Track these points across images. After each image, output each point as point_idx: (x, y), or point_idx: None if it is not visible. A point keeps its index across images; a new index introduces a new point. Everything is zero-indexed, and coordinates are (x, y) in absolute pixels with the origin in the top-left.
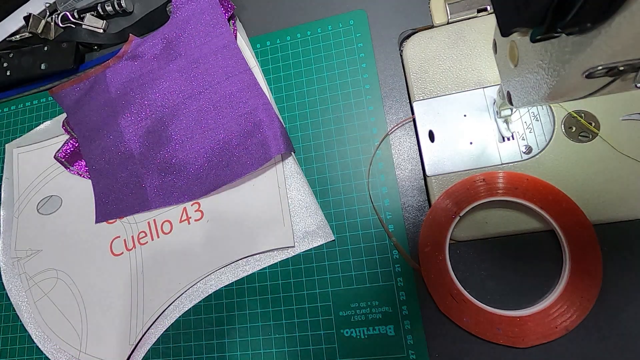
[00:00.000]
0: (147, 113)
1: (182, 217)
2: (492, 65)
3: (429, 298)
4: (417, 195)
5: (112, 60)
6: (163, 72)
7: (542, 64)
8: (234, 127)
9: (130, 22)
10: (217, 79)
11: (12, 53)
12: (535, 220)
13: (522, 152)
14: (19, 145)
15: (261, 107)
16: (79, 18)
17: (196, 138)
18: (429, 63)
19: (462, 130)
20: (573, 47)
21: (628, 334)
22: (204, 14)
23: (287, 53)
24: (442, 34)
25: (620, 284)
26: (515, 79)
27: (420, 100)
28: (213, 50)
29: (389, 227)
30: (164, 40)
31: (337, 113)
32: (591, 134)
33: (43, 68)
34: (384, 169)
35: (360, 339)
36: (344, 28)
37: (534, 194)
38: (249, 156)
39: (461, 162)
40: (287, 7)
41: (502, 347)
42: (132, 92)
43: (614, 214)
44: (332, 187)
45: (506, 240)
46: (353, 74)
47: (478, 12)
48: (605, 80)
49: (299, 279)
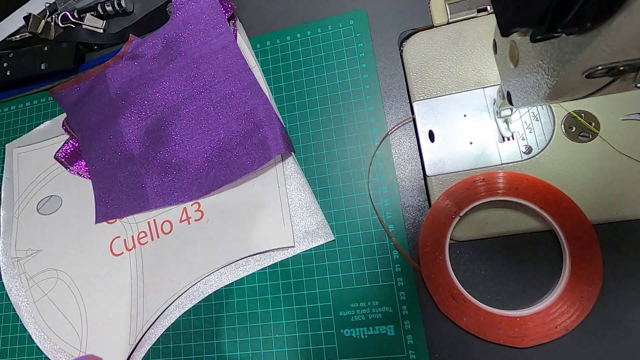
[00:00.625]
0: (147, 113)
1: (182, 217)
2: (492, 65)
3: (429, 298)
4: (417, 195)
5: (112, 60)
6: (163, 72)
7: (542, 64)
8: (234, 127)
9: (130, 22)
10: (217, 79)
11: (12, 53)
12: (535, 220)
13: (522, 152)
14: (19, 145)
15: (261, 107)
16: (79, 18)
17: (196, 138)
18: (429, 63)
19: (462, 130)
20: (573, 47)
21: (628, 333)
22: (204, 14)
23: (287, 53)
24: (442, 34)
25: (620, 284)
26: (515, 79)
27: (420, 100)
28: (213, 50)
29: (389, 227)
30: (164, 40)
31: (337, 113)
32: (591, 134)
33: (43, 68)
34: (384, 169)
35: (360, 339)
36: (344, 28)
37: (534, 194)
38: (248, 156)
39: (461, 162)
40: (287, 7)
41: (502, 347)
42: (132, 92)
43: (614, 214)
44: (332, 187)
45: (506, 240)
46: (353, 74)
47: (478, 12)
48: (605, 80)
49: (299, 279)
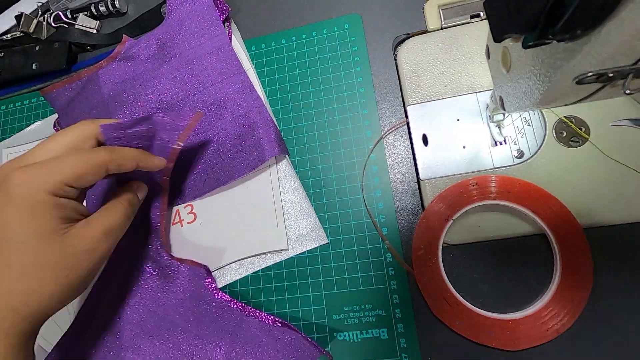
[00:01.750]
0: (141, 114)
1: (174, 220)
2: (485, 70)
3: (422, 301)
4: (411, 198)
5: (105, 61)
6: (157, 73)
7: (534, 70)
8: (228, 129)
9: (124, 22)
10: (211, 81)
11: (3, 52)
12: (527, 224)
13: (514, 157)
14: (10, 145)
15: (255, 109)
16: (72, 18)
17: (190, 140)
18: (423, 67)
19: (455, 135)
20: (564, 53)
21: (618, 336)
22: (199, 15)
23: (282, 56)
24: (435, 39)
25: (610, 288)
26: (508, 85)
27: (414, 104)
28: (208, 52)
29: (383, 230)
30: (158, 41)
31: (332, 116)
32: (581, 139)
33: (34, 68)
34: (377, 172)
35: (354, 342)
36: (339, 32)
37: (525, 197)
38: (242, 158)
39: (454, 166)
40: (282, 9)
41: (494, 350)
42: (126, 93)
43: (604, 218)
44: (326, 189)
45: (499, 244)
46: (348, 78)
47: (471, 18)
48: (595, 86)
49: (292, 282)
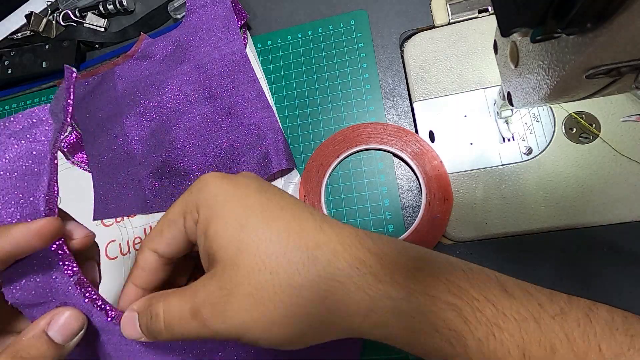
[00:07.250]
0: (152, 115)
1: None
2: (493, 65)
3: None
4: (417, 195)
5: (122, 59)
6: (171, 75)
7: (543, 65)
8: (238, 137)
9: (132, 21)
10: (224, 87)
11: (14, 51)
12: (535, 222)
13: (523, 153)
14: None
15: (266, 119)
16: (80, 16)
17: (199, 144)
18: (430, 63)
19: (462, 131)
20: (573, 47)
21: None
22: (217, 20)
23: (288, 52)
24: (443, 34)
25: (620, 288)
26: (516, 80)
27: (420, 100)
28: (222, 57)
29: (389, 227)
30: (175, 42)
31: (338, 112)
32: (592, 135)
33: (44, 66)
34: (383, 168)
35: (360, 340)
36: (345, 28)
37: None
38: (250, 168)
39: (461, 162)
40: (288, 6)
41: None
42: (139, 92)
43: (614, 216)
44: (332, 187)
45: (506, 241)
46: (354, 74)
47: (479, 13)
48: (606, 81)
49: None
